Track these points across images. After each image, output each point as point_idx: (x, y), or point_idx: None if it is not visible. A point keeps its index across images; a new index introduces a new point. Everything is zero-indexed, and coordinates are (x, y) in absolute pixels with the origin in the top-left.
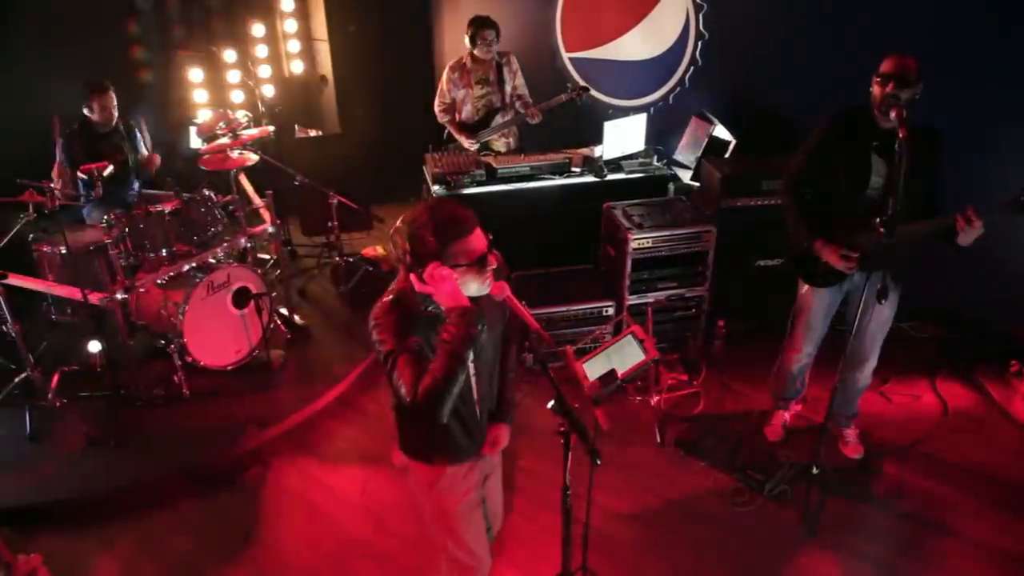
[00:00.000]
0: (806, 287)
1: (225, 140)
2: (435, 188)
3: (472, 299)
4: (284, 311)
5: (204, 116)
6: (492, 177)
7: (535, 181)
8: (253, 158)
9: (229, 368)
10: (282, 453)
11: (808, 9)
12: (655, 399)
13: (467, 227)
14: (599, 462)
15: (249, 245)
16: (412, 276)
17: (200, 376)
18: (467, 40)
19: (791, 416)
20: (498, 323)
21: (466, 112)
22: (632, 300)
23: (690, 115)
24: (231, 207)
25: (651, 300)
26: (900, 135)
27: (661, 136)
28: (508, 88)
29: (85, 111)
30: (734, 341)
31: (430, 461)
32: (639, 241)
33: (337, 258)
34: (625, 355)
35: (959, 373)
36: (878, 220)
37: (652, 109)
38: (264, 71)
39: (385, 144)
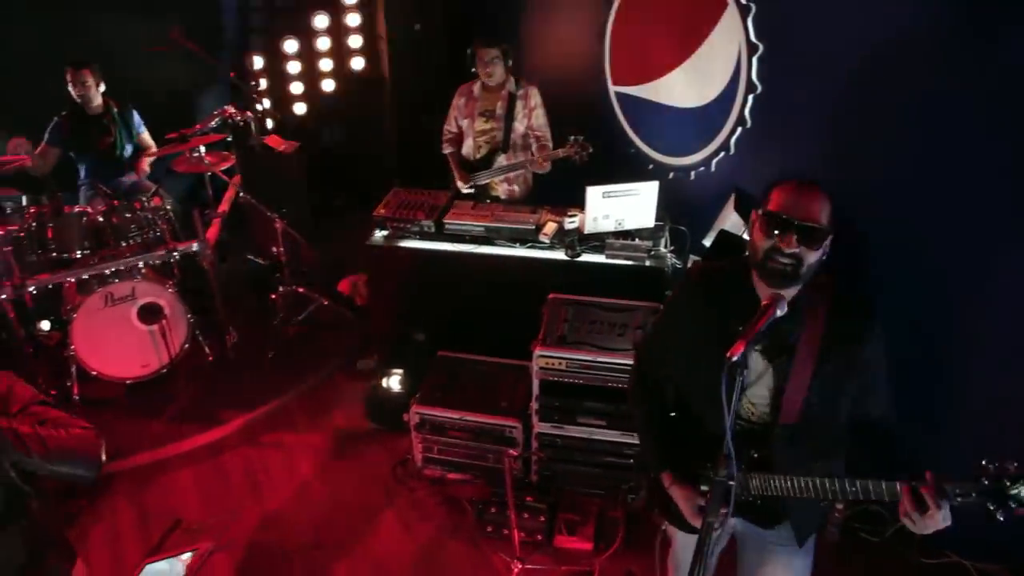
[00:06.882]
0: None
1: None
2: (376, 234)
3: None
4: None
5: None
6: (440, 232)
7: (490, 246)
8: (224, 164)
9: (128, 381)
10: (115, 492)
11: (909, 65)
12: (516, 570)
13: None
14: None
15: (171, 259)
16: None
17: (96, 384)
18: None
19: None
20: None
21: (466, 147)
22: (544, 428)
23: (731, 190)
24: (168, 214)
25: (563, 434)
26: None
27: (699, 212)
28: (519, 126)
29: (69, 88)
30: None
31: None
32: (546, 359)
33: (280, 288)
34: None
35: None
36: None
37: (694, 174)
38: (326, 64)
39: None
